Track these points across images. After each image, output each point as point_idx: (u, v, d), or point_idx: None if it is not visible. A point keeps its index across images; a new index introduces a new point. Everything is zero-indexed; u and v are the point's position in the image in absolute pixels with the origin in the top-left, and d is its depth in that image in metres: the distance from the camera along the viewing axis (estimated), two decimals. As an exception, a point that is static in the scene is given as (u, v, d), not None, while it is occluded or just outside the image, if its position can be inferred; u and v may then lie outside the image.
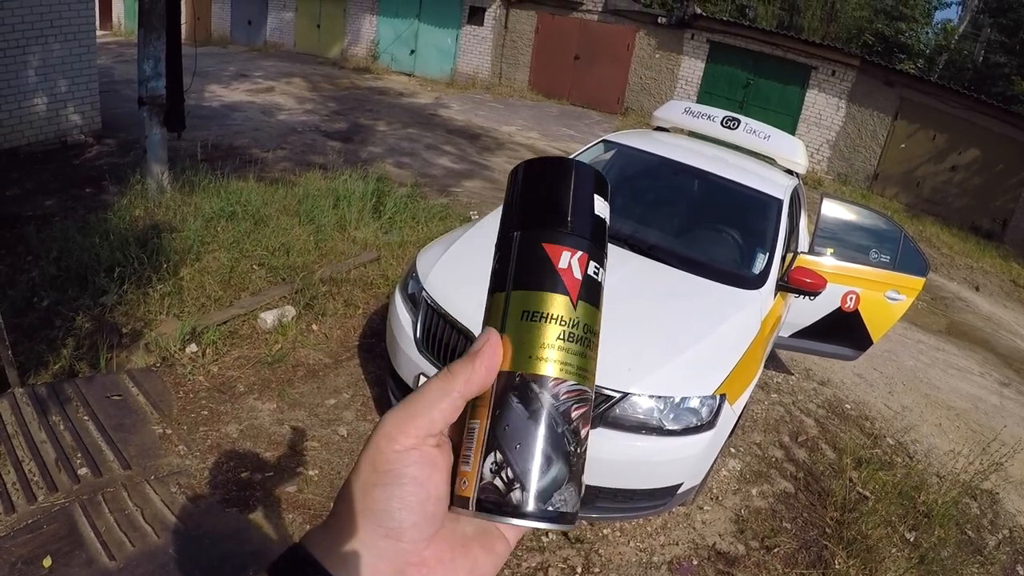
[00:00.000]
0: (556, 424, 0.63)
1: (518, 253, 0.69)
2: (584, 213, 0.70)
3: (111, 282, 5.71)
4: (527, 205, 0.71)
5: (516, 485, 0.62)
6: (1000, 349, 11.04)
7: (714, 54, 21.25)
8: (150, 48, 7.62)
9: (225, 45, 27.67)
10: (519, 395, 0.65)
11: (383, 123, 16.06)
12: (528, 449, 0.63)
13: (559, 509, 0.62)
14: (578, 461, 0.64)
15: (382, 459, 0.62)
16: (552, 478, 0.63)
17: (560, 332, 0.66)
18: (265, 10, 28.57)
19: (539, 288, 0.67)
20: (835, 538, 4.90)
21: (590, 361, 0.67)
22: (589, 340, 0.67)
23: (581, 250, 0.68)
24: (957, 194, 19.25)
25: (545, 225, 0.70)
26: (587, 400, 0.66)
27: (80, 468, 4.00)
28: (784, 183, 6.36)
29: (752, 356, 4.55)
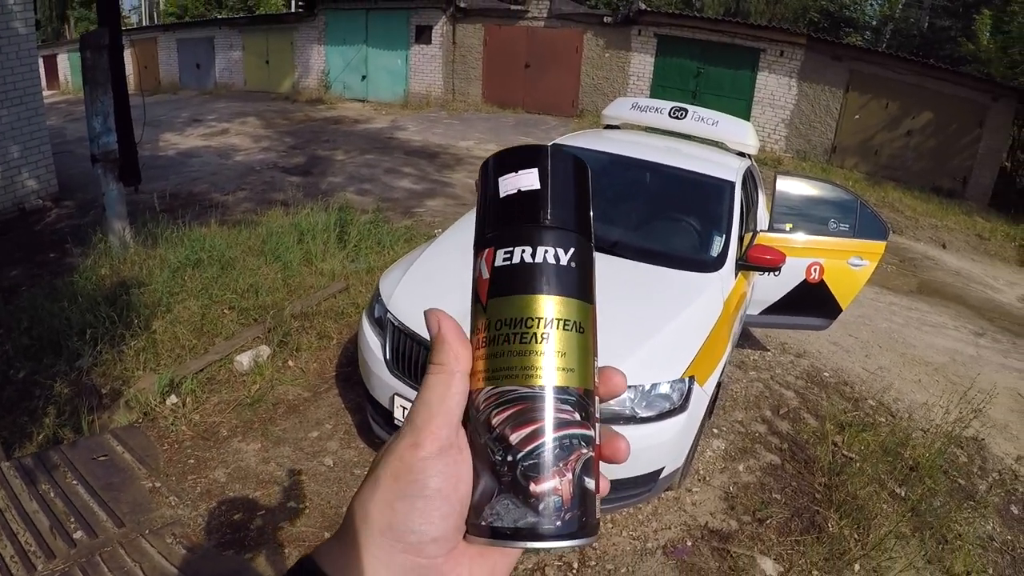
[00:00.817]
0: (479, 435, 0.62)
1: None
2: (488, 209, 0.68)
3: (85, 345, 5.69)
4: None
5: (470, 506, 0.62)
6: (972, 301, 11.19)
7: (663, 47, 21.42)
8: (98, 104, 7.60)
9: (175, 91, 27.63)
10: (466, 414, 0.64)
11: (341, 152, 16.08)
12: (473, 468, 0.62)
13: (492, 524, 0.60)
14: (511, 470, 0.60)
15: (406, 469, 0.60)
16: (480, 492, 0.62)
17: (476, 342, 0.64)
18: (212, 52, 28.54)
19: (471, 306, 0.67)
20: (826, 502, 4.97)
21: (511, 356, 0.62)
22: (506, 335, 0.63)
23: (488, 247, 0.66)
24: (915, 158, 19.50)
25: (474, 241, 0.69)
26: (514, 400, 0.61)
27: (75, 532, 4.00)
28: (735, 166, 6.45)
29: (718, 336, 4.63)
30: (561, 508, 0.60)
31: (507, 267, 0.64)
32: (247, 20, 27.81)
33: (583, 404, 0.63)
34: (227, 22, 28.41)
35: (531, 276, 0.63)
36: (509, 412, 0.61)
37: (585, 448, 0.62)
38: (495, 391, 0.62)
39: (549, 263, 0.63)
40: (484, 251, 0.66)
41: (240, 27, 27.90)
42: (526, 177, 0.65)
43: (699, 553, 4.39)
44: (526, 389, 0.61)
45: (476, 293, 0.66)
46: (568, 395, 0.62)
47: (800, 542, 4.58)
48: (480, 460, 0.62)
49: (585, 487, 0.62)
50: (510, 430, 0.60)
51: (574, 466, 0.61)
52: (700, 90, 21.03)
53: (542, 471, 0.60)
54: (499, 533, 0.60)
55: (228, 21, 28.36)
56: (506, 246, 0.64)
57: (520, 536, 0.59)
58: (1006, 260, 14.70)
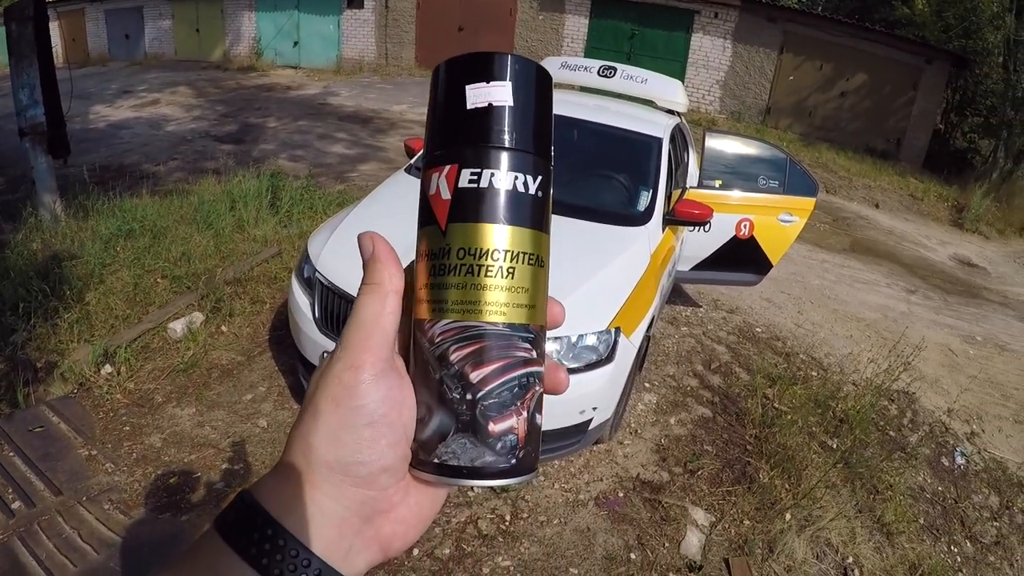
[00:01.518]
0: (432, 370, 0.60)
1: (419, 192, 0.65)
2: (449, 119, 0.62)
3: (18, 319, 5.61)
4: None
5: (412, 437, 0.62)
6: (904, 260, 11.44)
7: (597, 9, 21.42)
8: (24, 77, 7.46)
9: (105, 63, 26.97)
10: (413, 343, 0.63)
11: (273, 119, 15.92)
12: (417, 399, 0.62)
13: (446, 462, 0.60)
14: (470, 409, 0.59)
15: (347, 394, 0.58)
16: (433, 429, 0.60)
17: (430, 268, 0.61)
18: (141, 22, 27.87)
19: (420, 225, 0.64)
20: (756, 453, 5.09)
21: (476, 290, 0.60)
22: (469, 266, 0.60)
23: (450, 163, 0.61)
24: (849, 119, 19.81)
25: (424, 153, 0.65)
26: (474, 337, 0.60)
27: (13, 503, 3.98)
28: (664, 122, 6.49)
29: (644, 288, 4.70)
30: (516, 446, 0.60)
31: (473, 190, 0.60)
32: (176, -13, 27.24)
33: (538, 341, 0.63)
34: (156, -11, 27.83)
35: (500, 203, 0.60)
36: (471, 349, 0.60)
37: (538, 385, 0.63)
38: (455, 324, 0.60)
39: (519, 191, 0.61)
40: (444, 167, 0.61)
41: (169, -5, 27.33)
42: (498, 90, 0.61)
43: (631, 504, 4.46)
44: (490, 326, 0.60)
45: (431, 213, 0.62)
46: (528, 332, 0.61)
47: (731, 492, 4.69)
48: (432, 395, 0.61)
49: (536, 423, 0.63)
50: (471, 367, 0.59)
51: (529, 404, 0.61)
52: (635, 52, 21.09)
53: (501, 410, 0.60)
54: (453, 471, 0.60)
55: (157, -11, 27.78)
56: (472, 166, 0.60)
57: (474, 474, 0.59)
58: (939, 220, 15.04)
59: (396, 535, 0.63)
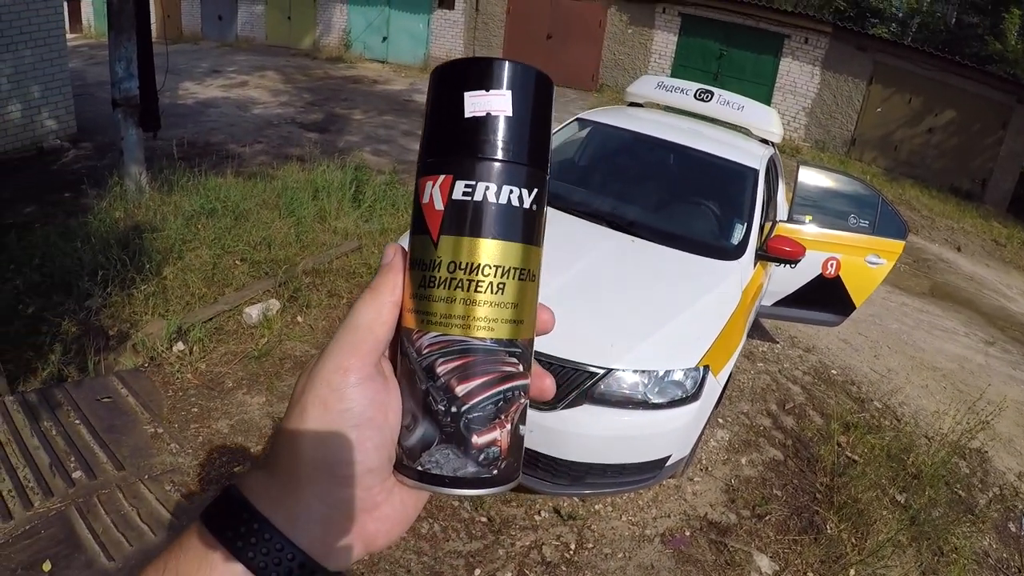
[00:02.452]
0: (419, 380, 0.61)
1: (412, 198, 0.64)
2: (445, 126, 0.62)
3: (95, 286, 5.69)
4: None
5: (397, 442, 0.63)
6: (984, 308, 11.11)
7: (686, 27, 21.21)
8: (121, 49, 7.57)
9: (197, 42, 27.44)
10: (401, 351, 0.63)
11: (359, 111, 16.01)
12: (402, 407, 0.62)
13: (429, 471, 0.60)
14: (455, 422, 0.60)
15: (336, 397, 0.59)
16: (418, 438, 0.61)
17: (420, 278, 0.61)
18: (235, 4, 28.33)
19: (412, 233, 0.63)
20: (826, 503, 4.95)
21: (465, 305, 0.60)
22: (460, 281, 0.60)
23: (444, 173, 0.60)
24: (935, 156, 19.34)
25: (419, 157, 0.64)
26: (462, 351, 0.60)
27: (74, 472, 4.01)
28: (759, 153, 6.39)
29: (734, 326, 4.58)
30: (498, 458, 0.61)
31: (466, 203, 0.60)
32: (272, -27, 27.58)
33: (525, 355, 0.63)
34: (252, -26, 28.21)
35: (493, 218, 0.60)
36: (457, 363, 0.60)
37: (523, 397, 0.63)
38: (443, 338, 0.60)
39: (512, 205, 0.60)
40: (439, 176, 0.61)
41: (265, -20, 27.70)
42: (497, 99, 0.60)
43: (696, 544, 4.38)
44: (477, 342, 0.60)
45: (423, 221, 0.62)
46: (515, 347, 0.62)
47: (798, 542, 4.57)
48: (417, 405, 0.61)
49: (519, 435, 0.63)
50: (456, 381, 0.60)
51: (513, 417, 0.62)
52: (722, 72, 20.85)
53: (485, 423, 0.60)
54: (435, 480, 0.60)
55: (253, -27, 28.16)
56: (468, 178, 0.60)
57: (456, 484, 0.60)
58: (1021, 268, 14.58)
59: (380, 532, 0.64)
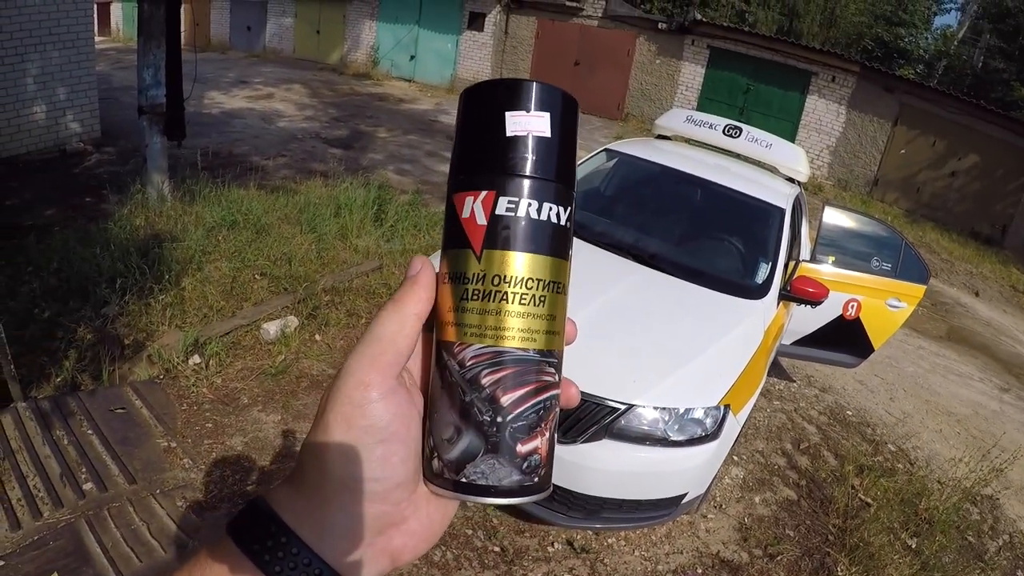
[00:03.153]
0: (463, 392, 0.61)
1: (445, 212, 0.66)
2: (486, 143, 0.63)
3: (112, 293, 5.69)
4: (452, 153, 0.67)
5: (435, 455, 0.63)
6: (1000, 355, 11.05)
7: (714, 60, 21.29)
8: (150, 56, 7.62)
9: (224, 51, 27.69)
10: (438, 364, 0.64)
11: (383, 129, 16.08)
12: (442, 419, 0.62)
13: (474, 481, 0.61)
14: (500, 431, 0.61)
15: (358, 413, 0.59)
16: (462, 449, 0.61)
17: (462, 291, 0.62)
18: (264, 16, 28.58)
19: (449, 247, 0.64)
20: (838, 545, 4.92)
21: (508, 317, 0.61)
22: (504, 293, 0.61)
23: (486, 189, 0.62)
24: (957, 200, 19.30)
25: (453, 173, 0.66)
26: (506, 362, 0.61)
27: (85, 483, 3.99)
28: (786, 192, 6.38)
29: (755, 366, 4.56)
30: (539, 466, 0.63)
31: (510, 218, 0.61)
32: (302, -13, 27.81)
33: (560, 365, 0.65)
34: (283, -13, 28.43)
35: (535, 234, 0.62)
36: (503, 374, 0.61)
37: (557, 407, 0.65)
38: (489, 350, 0.61)
39: (552, 221, 0.63)
40: (481, 192, 0.62)
41: (295, -6, 27.93)
42: (538, 120, 0.62)
43: (708, 582, 4.33)
44: (520, 352, 0.62)
45: (463, 236, 0.63)
46: (553, 358, 0.64)
47: (808, 583, 4.51)
48: (461, 416, 0.62)
49: (555, 443, 0.65)
50: (502, 392, 0.61)
51: (551, 425, 0.64)
52: (748, 107, 20.91)
53: (528, 432, 0.62)
54: (480, 490, 0.61)
55: (284, -14, 28.38)
56: (511, 195, 0.62)
57: (500, 493, 0.61)
58: (1038, 315, 14.53)
59: (406, 547, 0.64)
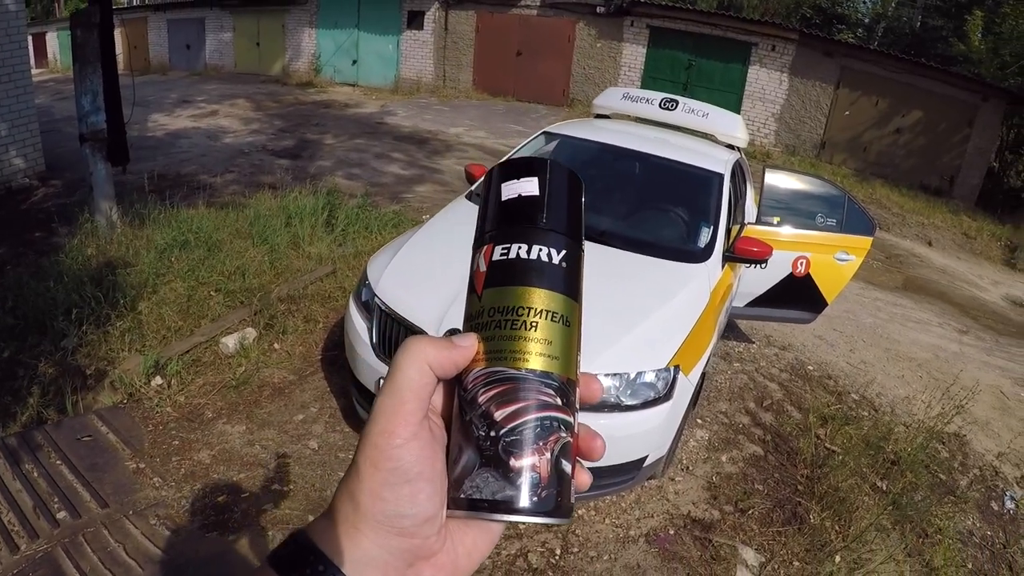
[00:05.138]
0: (464, 412, 0.66)
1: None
2: (490, 211, 0.73)
3: (70, 325, 5.65)
4: None
5: (447, 479, 0.66)
6: (957, 299, 11.27)
7: (655, 39, 21.44)
8: (87, 83, 7.54)
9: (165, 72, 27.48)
10: (456, 395, 0.68)
11: (330, 136, 16.03)
12: (452, 443, 0.66)
13: (471, 496, 0.63)
14: (493, 445, 0.64)
15: (383, 457, 0.62)
16: (463, 465, 0.64)
17: (468, 327, 0.69)
18: (203, 33, 28.39)
19: (467, 297, 0.72)
20: (808, 494, 5.01)
21: (501, 340, 0.66)
22: (498, 321, 0.67)
23: (487, 244, 0.71)
24: (904, 155, 19.59)
25: (474, 240, 0.74)
26: (500, 380, 0.65)
27: (59, 512, 3.99)
28: (724, 158, 6.46)
29: (704, 326, 4.64)
30: (539, 485, 0.63)
31: (503, 261, 0.69)
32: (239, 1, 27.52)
33: (564, 391, 0.67)
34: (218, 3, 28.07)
35: (524, 270, 0.68)
36: (496, 391, 0.65)
37: (564, 432, 0.66)
38: (484, 371, 0.66)
39: (542, 260, 0.69)
40: (483, 248, 0.71)
41: (231, 8, 27.68)
42: (527, 184, 0.71)
43: (681, 542, 4.40)
44: (512, 371, 0.65)
45: (472, 285, 0.71)
46: (551, 380, 0.66)
47: (782, 533, 4.61)
48: (464, 435, 0.65)
49: (562, 469, 0.65)
50: (495, 407, 0.64)
51: (553, 447, 0.64)
52: (691, 82, 21.06)
53: (523, 447, 0.63)
54: (477, 505, 0.63)
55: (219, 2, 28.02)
56: (504, 243, 0.69)
57: (498, 508, 0.62)
58: (991, 259, 14.82)
59: None
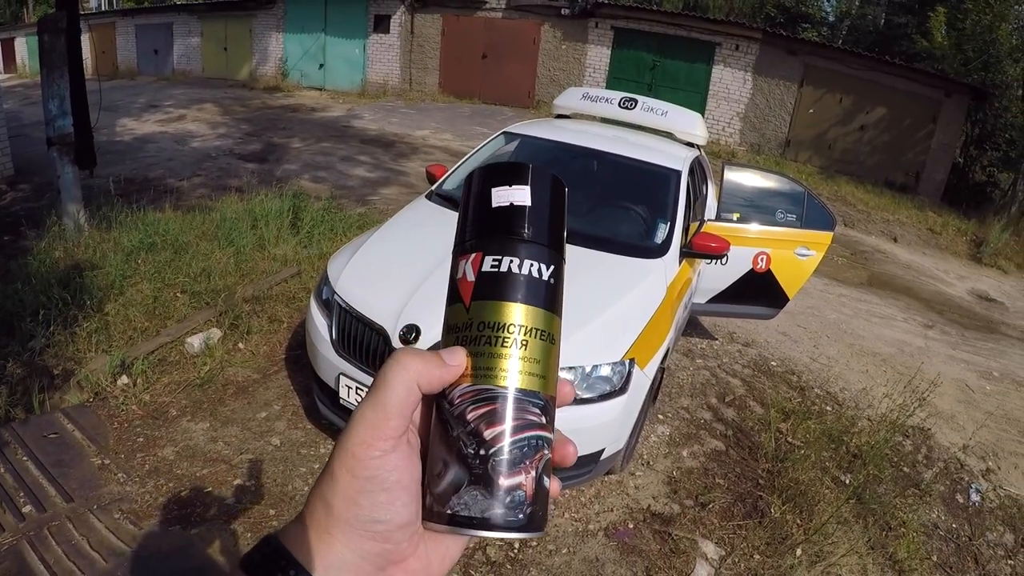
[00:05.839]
0: (451, 428, 0.66)
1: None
2: (477, 215, 0.72)
3: (38, 326, 5.65)
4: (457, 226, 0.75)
5: (427, 491, 0.67)
6: (922, 294, 11.39)
7: (619, 40, 21.58)
8: (54, 87, 7.54)
9: (133, 77, 27.32)
10: (436, 406, 0.68)
11: (297, 140, 16.02)
12: (433, 456, 0.67)
13: (458, 513, 0.64)
14: (483, 464, 0.64)
15: (361, 467, 0.62)
16: (448, 482, 0.65)
17: (453, 339, 0.69)
18: (170, 38, 28.27)
19: (447, 305, 0.72)
20: (769, 488, 5.05)
21: (493, 358, 0.67)
22: (488, 337, 0.67)
23: (476, 251, 0.70)
24: (868, 152, 19.80)
25: (454, 244, 0.73)
26: (490, 398, 0.66)
27: (24, 506, 4.01)
28: (682, 155, 6.52)
29: (660, 321, 4.69)
30: (524, 503, 0.65)
31: (493, 274, 0.68)
32: (206, 6, 27.38)
33: (548, 409, 0.69)
34: (186, 8, 28.02)
35: (516, 285, 0.68)
36: (485, 409, 0.65)
37: (546, 449, 0.68)
38: (472, 388, 0.66)
39: (533, 276, 0.69)
40: (469, 255, 0.70)
41: (199, 13, 27.64)
42: (519, 193, 0.70)
43: (641, 535, 4.44)
44: (501, 389, 0.66)
45: (457, 293, 0.70)
46: (537, 399, 0.67)
47: (742, 526, 4.65)
48: (449, 451, 0.66)
49: (544, 485, 0.68)
50: (485, 426, 0.65)
51: (537, 465, 0.66)
52: (656, 83, 21.21)
53: (511, 467, 0.65)
54: (463, 522, 0.64)
55: (187, 7, 27.95)
56: (494, 254, 0.69)
57: (483, 526, 0.63)
58: (957, 254, 14.98)
59: None
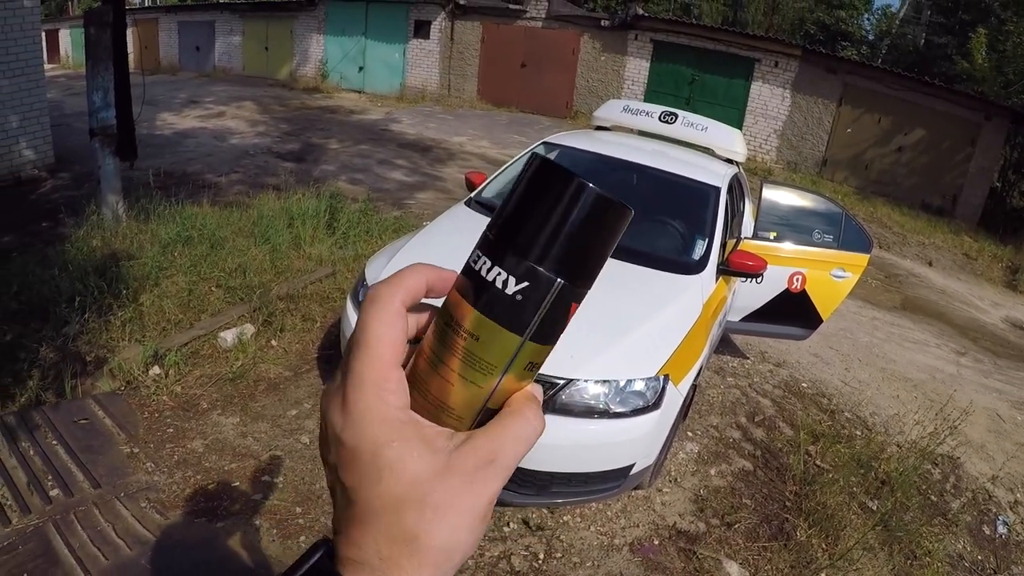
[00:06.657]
0: None
1: (551, 304, 0.58)
2: (501, 207, 0.60)
3: (72, 312, 5.72)
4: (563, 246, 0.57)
5: None
6: (956, 320, 11.23)
7: (658, 53, 21.50)
8: (98, 79, 7.63)
9: (174, 72, 27.59)
10: None
11: (335, 141, 16.09)
12: None
13: None
14: None
15: None
16: None
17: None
18: (212, 35, 28.51)
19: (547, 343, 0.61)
20: (795, 510, 4.99)
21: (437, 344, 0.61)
22: (441, 326, 0.61)
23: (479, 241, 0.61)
24: (905, 174, 19.55)
25: (576, 278, 0.59)
26: None
27: (52, 490, 4.06)
28: (722, 172, 6.50)
29: (695, 337, 4.68)
30: None
31: (469, 267, 0.60)
32: (248, 6, 27.63)
33: None
34: (228, 7, 28.21)
35: (478, 289, 0.58)
36: None
37: None
38: None
39: (496, 285, 0.57)
40: None
41: (241, 12, 27.88)
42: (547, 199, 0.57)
43: (665, 552, 4.41)
44: None
45: None
46: None
47: (767, 548, 4.61)
48: None
49: None
50: None
51: None
52: (694, 97, 21.09)
53: None
54: None
55: (229, 6, 28.15)
56: (480, 249, 0.60)
57: None
58: (992, 281, 14.75)
59: None
